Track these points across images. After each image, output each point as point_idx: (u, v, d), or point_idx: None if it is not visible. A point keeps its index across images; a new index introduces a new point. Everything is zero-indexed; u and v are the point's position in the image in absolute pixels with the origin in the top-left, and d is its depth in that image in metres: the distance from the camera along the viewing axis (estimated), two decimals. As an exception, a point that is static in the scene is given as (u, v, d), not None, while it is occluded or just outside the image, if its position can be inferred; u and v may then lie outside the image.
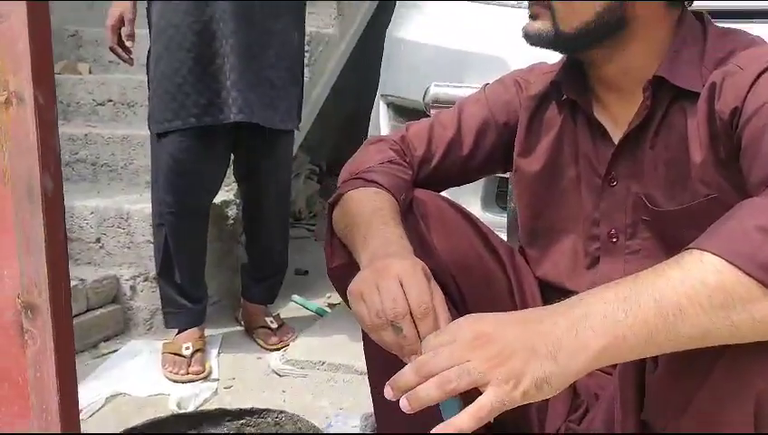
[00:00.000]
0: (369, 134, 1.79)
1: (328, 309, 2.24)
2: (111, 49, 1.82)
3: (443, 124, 1.07)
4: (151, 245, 1.98)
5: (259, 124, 1.79)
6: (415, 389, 0.68)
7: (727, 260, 0.64)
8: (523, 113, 1.05)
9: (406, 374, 0.70)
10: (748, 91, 0.82)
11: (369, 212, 0.91)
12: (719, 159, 0.86)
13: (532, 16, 0.94)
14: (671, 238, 0.91)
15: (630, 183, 0.95)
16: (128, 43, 1.80)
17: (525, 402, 0.67)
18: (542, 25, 0.92)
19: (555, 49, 0.95)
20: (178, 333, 1.90)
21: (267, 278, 2.07)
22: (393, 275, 0.77)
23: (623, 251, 0.97)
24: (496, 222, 1.55)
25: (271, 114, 1.82)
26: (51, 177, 0.53)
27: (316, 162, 3.60)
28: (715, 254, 0.65)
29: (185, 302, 1.88)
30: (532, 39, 0.94)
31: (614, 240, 0.98)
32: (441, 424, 0.68)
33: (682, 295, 0.64)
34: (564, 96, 1.00)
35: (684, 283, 0.65)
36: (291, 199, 2.24)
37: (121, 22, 1.77)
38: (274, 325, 2.01)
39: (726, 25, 0.95)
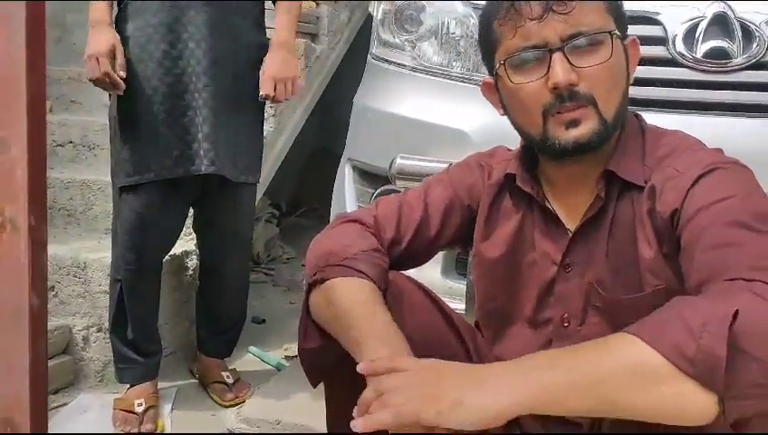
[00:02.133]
0: (334, 191, 1.82)
1: (285, 362, 2.24)
2: (106, 74, 1.69)
3: (410, 206, 1.10)
4: (107, 295, 1.96)
5: (225, 176, 1.81)
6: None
7: (646, 342, 0.73)
8: (485, 199, 1.09)
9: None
10: (686, 195, 0.89)
11: (362, 310, 0.93)
12: (665, 253, 0.93)
13: (572, 123, 0.93)
14: (621, 325, 0.96)
15: (584, 270, 1.00)
16: (121, 73, 1.72)
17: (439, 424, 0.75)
18: (590, 124, 0.93)
19: (599, 147, 0.95)
20: (131, 387, 1.87)
21: (224, 332, 2.06)
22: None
23: (573, 335, 1.02)
24: (455, 289, 1.60)
25: (237, 167, 1.84)
26: (37, 295, 0.55)
27: (276, 203, 3.61)
28: (636, 336, 0.74)
29: (137, 357, 1.86)
30: (585, 143, 0.93)
31: (566, 325, 1.03)
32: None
33: (602, 368, 0.74)
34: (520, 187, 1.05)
35: (604, 357, 0.74)
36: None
37: (113, 50, 1.71)
38: (230, 380, 2.00)
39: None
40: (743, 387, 0.70)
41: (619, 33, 0.96)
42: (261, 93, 1.82)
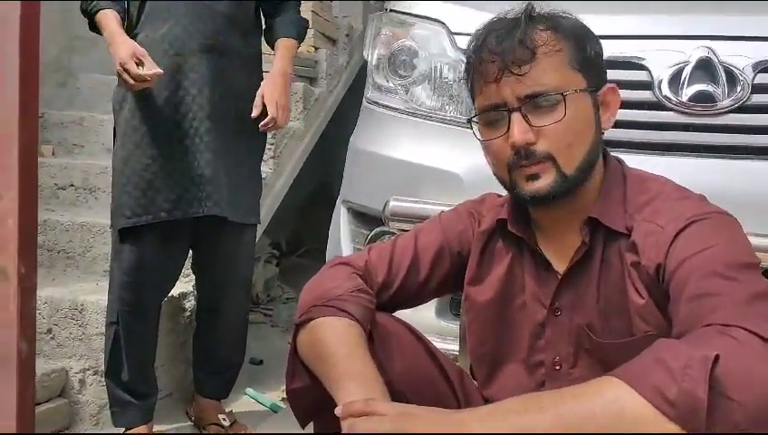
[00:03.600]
0: (330, 232, 1.84)
1: (282, 404, 2.23)
2: (138, 77, 1.70)
3: (401, 251, 1.12)
4: (104, 337, 1.96)
5: (225, 218, 1.83)
6: None
7: (627, 383, 0.74)
8: (476, 245, 1.11)
9: None
10: (668, 250, 0.91)
11: (343, 350, 0.95)
12: (655, 301, 0.94)
13: (532, 177, 0.96)
14: (612, 367, 0.97)
15: (573, 314, 1.02)
16: (153, 71, 1.71)
17: None
18: (548, 179, 0.96)
19: (562, 197, 0.97)
20: (126, 430, 1.85)
21: (222, 372, 2.05)
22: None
23: (566, 378, 1.03)
24: (449, 330, 1.60)
25: (238, 208, 1.86)
26: (26, 341, 0.56)
27: (276, 243, 3.63)
28: (619, 378, 0.76)
29: (132, 399, 1.85)
30: (543, 196, 0.97)
31: (557, 368, 1.03)
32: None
33: (580, 411, 0.75)
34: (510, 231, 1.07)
35: (583, 399, 0.76)
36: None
37: (135, 56, 1.71)
38: (227, 423, 1.99)
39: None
40: (723, 429, 0.71)
41: (584, 88, 0.98)
42: (268, 117, 1.85)
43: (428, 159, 1.63)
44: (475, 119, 1.01)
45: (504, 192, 1.11)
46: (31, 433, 0.59)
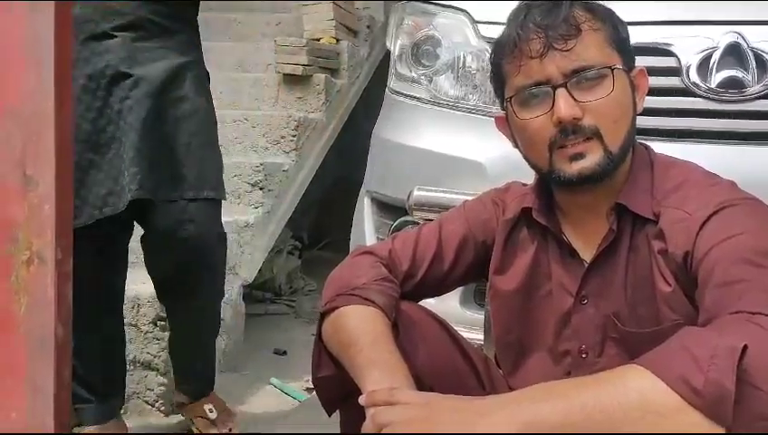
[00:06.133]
0: (353, 223, 1.85)
1: (305, 394, 2.24)
2: None
3: (425, 240, 1.12)
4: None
5: (167, 200, 1.65)
6: None
7: (652, 371, 0.73)
8: (500, 234, 1.10)
9: None
10: (696, 237, 0.90)
11: (368, 338, 0.95)
12: (683, 290, 0.93)
13: (576, 157, 0.95)
14: (639, 356, 0.96)
15: (600, 302, 1.01)
16: None
17: None
18: (595, 157, 0.94)
19: (606, 177, 0.96)
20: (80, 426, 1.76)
21: (198, 375, 1.91)
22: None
23: (592, 366, 1.02)
24: (474, 319, 1.60)
25: (178, 185, 1.68)
26: (62, 324, 0.58)
27: (298, 235, 3.65)
28: (644, 367, 0.75)
29: (91, 397, 1.77)
30: (589, 175, 0.95)
31: (583, 356, 1.03)
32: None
33: (602, 399, 0.74)
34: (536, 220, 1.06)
35: (605, 387, 0.75)
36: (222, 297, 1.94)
37: None
38: (213, 415, 1.88)
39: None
40: (750, 420, 0.70)
41: (622, 66, 0.98)
42: None
43: (452, 149, 1.63)
44: (509, 98, 0.99)
45: (529, 181, 1.11)
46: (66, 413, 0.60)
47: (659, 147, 1.07)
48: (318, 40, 3.20)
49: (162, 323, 2.04)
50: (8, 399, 0.56)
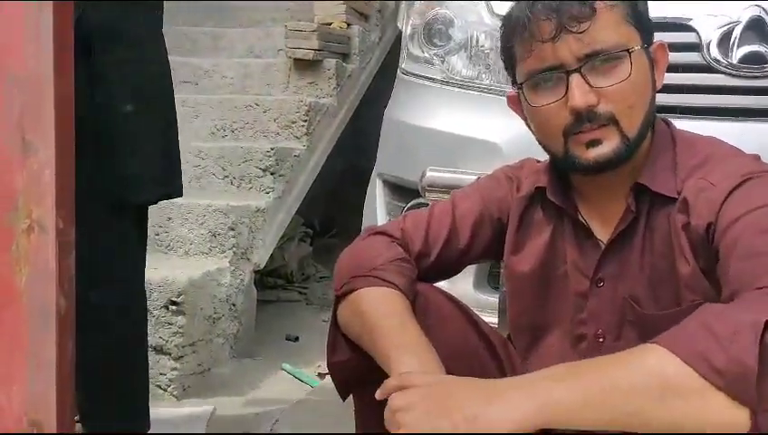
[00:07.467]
0: (365, 206, 1.82)
1: (318, 379, 2.24)
2: None
3: (438, 219, 1.08)
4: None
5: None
6: None
7: (671, 351, 0.71)
8: (514, 212, 1.07)
9: None
10: (720, 208, 0.86)
11: (392, 321, 0.92)
12: (703, 268, 0.90)
13: (592, 143, 0.91)
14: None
15: (617, 285, 0.98)
16: None
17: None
18: (612, 144, 0.91)
19: (624, 162, 0.93)
20: None
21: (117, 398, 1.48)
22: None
23: (609, 351, 0.99)
24: (487, 302, 1.58)
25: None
26: (64, 296, 0.56)
27: (309, 222, 3.64)
28: (662, 346, 0.72)
29: None
30: (606, 162, 0.91)
31: (601, 340, 1.00)
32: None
33: (620, 380, 0.72)
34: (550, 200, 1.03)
35: (623, 368, 0.73)
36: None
37: None
38: None
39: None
40: None
41: (640, 45, 0.93)
42: None
43: (466, 129, 1.60)
44: (521, 83, 0.95)
45: (544, 157, 1.07)
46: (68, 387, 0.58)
47: (679, 125, 1.03)
48: (329, 24, 3.17)
49: (174, 307, 2.03)
50: (10, 371, 0.54)
